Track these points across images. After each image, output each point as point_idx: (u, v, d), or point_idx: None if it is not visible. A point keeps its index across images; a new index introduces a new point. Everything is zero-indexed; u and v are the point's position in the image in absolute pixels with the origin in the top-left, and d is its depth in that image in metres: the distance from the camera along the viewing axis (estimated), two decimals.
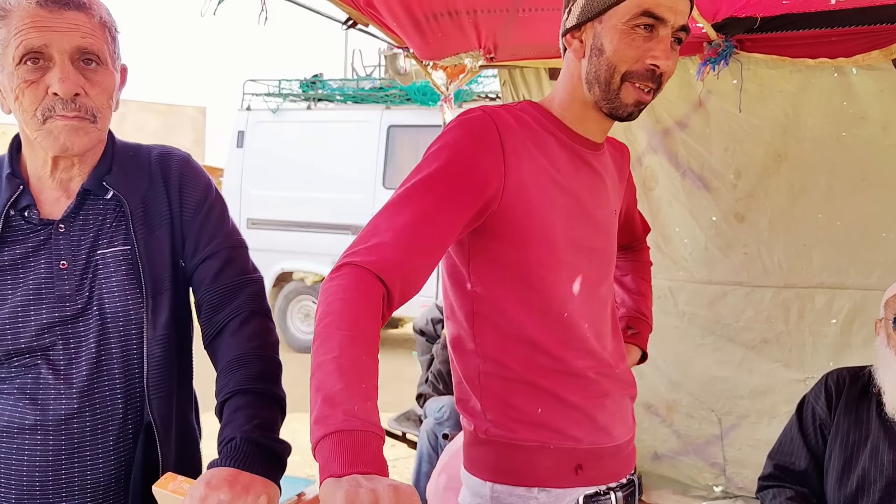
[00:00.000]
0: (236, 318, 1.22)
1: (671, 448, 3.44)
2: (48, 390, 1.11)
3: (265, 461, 1.05)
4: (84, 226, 1.17)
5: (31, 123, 1.10)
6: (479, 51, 2.98)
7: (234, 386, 1.14)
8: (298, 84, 7.18)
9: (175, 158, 1.29)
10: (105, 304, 1.15)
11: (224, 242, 1.28)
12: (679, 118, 3.07)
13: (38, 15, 1.06)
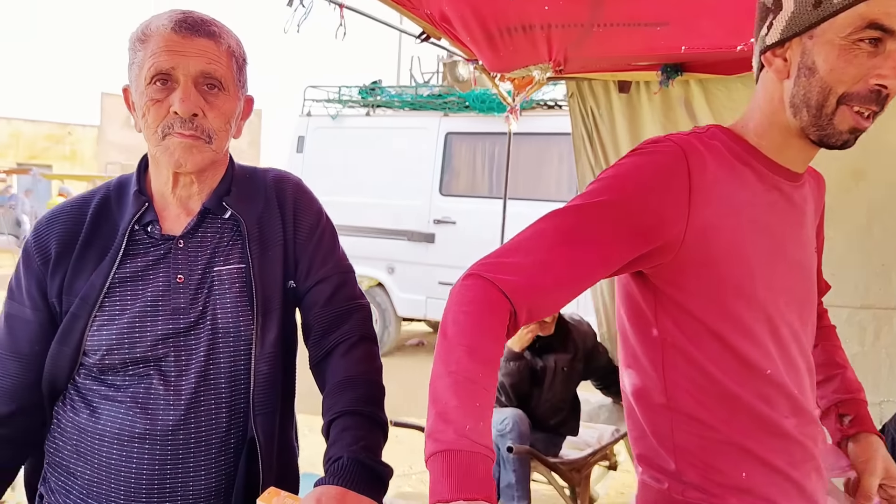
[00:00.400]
0: (345, 341, 1.25)
1: None
2: (158, 400, 1.14)
3: (370, 482, 1.08)
4: (202, 242, 1.21)
5: (152, 139, 1.15)
6: (549, 63, 2.98)
7: (342, 407, 1.18)
8: (358, 90, 7.27)
9: (290, 183, 1.32)
10: (218, 319, 1.18)
11: (335, 268, 1.30)
12: None
13: (171, 39, 1.12)
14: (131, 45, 1.16)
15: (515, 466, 2.93)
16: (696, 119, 3.10)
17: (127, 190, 1.23)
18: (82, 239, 1.18)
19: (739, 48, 2.61)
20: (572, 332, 3.28)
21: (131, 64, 1.16)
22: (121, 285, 1.16)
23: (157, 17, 1.15)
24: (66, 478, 1.19)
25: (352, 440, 1.11)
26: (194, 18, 1.14)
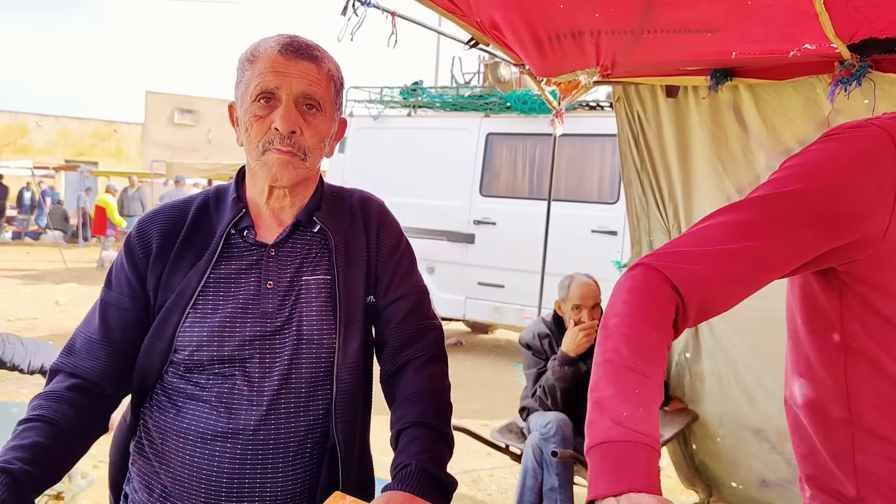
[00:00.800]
0: (418, 358, 1.31)
1: (781, 476, 3.34)
2: (241, 400, 1.19)
3: (436, 490, 1.12)
4: (292, 252, 1.27)
5: (253, 153, 1.22)
6: (596, 68, 2.98)
7: (412, 418, 1.22)
8: (399, 91, 7.32)
9: (374, 204, 1.40)
10: (303, 326, 1.23)
11: (413, 288, 1.37)
12: (802, 138, 2.97)
13: (277, 61, 1.19)
14: (240, 65, 1.24)
15: (559, 470, 2.94)
16: (746, 125, 3.07)
17: (225, 197, 1.31)
18: (182, 238, 1.25)
19: (792, 53, 2.58)
20: None
21: (238, 82, 1.24)
22: (214, 285, 1.23)
23: (266, 41, 1.22)
24: (150, 477, 1.25)
25: (420, 450, 1.15)
26: (299, 43, 1.22)
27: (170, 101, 27.36)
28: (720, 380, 3.40)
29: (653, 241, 3.48)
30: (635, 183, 3.44)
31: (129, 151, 27.95)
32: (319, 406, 1.25)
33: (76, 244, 17.39)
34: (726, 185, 3.16)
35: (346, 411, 1.26)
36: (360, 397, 1.31)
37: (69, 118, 27.61)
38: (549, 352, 3.21)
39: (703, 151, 3.19)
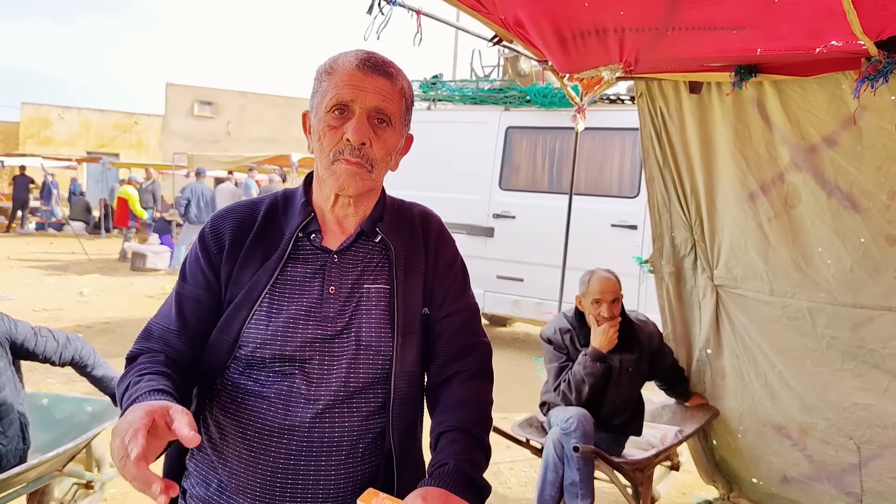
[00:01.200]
0: (465, 372, 1.35)
1: (802, 472, 3.34)
2: (299, 398, 1.23)
3: (471, 492, 1.15)
4: (354, 260, 1.31)
5: (323, 161, 1.26)
6: (619, 64, 2.97)
7: (454, 422, 1.26)
8: (419, 84, 7.33)
9: (434, 220, 1.44)
10: (362, 332, 1.27)
11: (466, 305, 1.41)
12: (827, 134, 2.96)
13: (354, 75, 1.23)
14: (318, 76, 1.28)
15: (579, 465, 2.96)
16: (770, 121, 3.06)
17: (293, 201, 1.36)
18: (252, 236, 1.30)
19: (818, 50, 2.56)
20: (637, 332, 3.28)
21: (315, 92, 1.28)
22: (281, 285, 1.27)
23: (345, 55, 1.27)
24: (207, 471, 1.30)
25: (458, 451, 1.19)
26: (376, 59, 1.26)
27: (189, 94, 27.53)
28: (742, 376, 3.40)
29: (674, 236, 3.48)
30: (657, 179, 3.44)
31: (150, 143, 28.21)
32: (374, 411, 1.29)
33: (98, 235, 17.59)
34: (749, 182, 3.15)
35: (402, 418, 1.31)
36: (417, 406, 1.35)
37: (91, 110, 27.91)
38: (571, 347, 3.22)
39: (727, 147, 3.18)
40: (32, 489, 2.77)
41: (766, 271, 3.17)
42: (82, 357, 2.90)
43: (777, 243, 3.11)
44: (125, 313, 8.19)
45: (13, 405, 2.69)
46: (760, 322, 3.26)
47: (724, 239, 3.30)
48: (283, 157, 13.41)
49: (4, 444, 2.65)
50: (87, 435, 2.88)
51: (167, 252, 12.09)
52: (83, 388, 4.99)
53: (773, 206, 3.11)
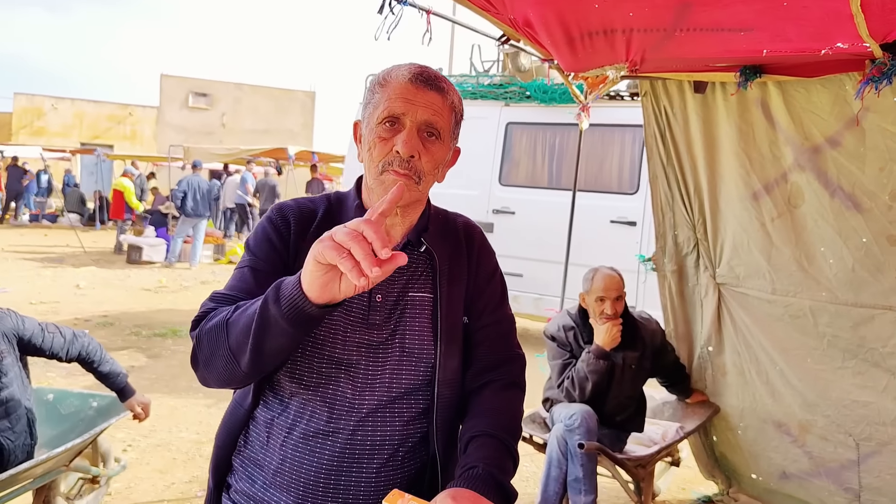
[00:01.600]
0: (500, 381, 1.38)
1: (801, 469, 3.38)
2: (344, 402, 1.26)
3: (498, 496, 1.18)
4: (400, 269, 1.31)
5: (372, 171, 1.28)
6: (625, 63, 2.99)
7: (484, 428, 1.29)
8: None
9: (477, 231, 1.47)
10: (406, 340, 1.30)
11: (504, 315, 1.45)
12: (830, 135, 2.98)
13: (407, 89, 1.26)
14: (371, 87, 1.31)
15: (583, 461, 2.99)
16: (774, 121, 3.08)
17: (345, 203, 1.39)
18: (313, 230, 1.33)
19: (824, 52, 2.58)
20: (640, 330, 3.31)
21: (367, 103, 1.31)
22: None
23: (398, 68, 1.30)
24: (253, 468, 1.33)
25: (487, 456, 1.21)
26: (428, 74, 1.28)
27: (184, 85, 27.42)
28: (743, 373, 3.43)
29: (677, 235, 3.50)
30: (661, 177, 3.46)
31: (144, 134, 28.07)
32: (415, 416, 1.31)
33: (93, 227, 17.54)
34: (753, 181, 3.18)
35: (446, 423, 1.34)
36: (458, 411, 1.37)
37: (85, 101, 27.75)
38: (574, 344, 3.25)
39: (730, 147, 3.21)
40: (39, 484, 2.78)
41: (769, 270, 3.20)
42: (89, 353, 2.91)
43: (780, 242, 3.14)
44: (123, 306, 8.18)
45: (21, 401, 2.70)
46: (762, 320, 3.29)
47: (727, 238, 3.32)
48: (280, 149, 13.38)
49: (13, 440, 2.66)
50: (94, 430, 2.89)
51: (163, 245, 12.06)
52: (84, 381, 5.01)
53: (776, 206, 3.13)
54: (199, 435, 4.38)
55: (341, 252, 0.95)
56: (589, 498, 3.01)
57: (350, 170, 7.61)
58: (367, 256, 0.93)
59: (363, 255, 0.93)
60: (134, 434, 4.20)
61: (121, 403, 3.07)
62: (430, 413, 1.32)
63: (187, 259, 11.83)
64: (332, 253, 0.95)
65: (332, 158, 16.55)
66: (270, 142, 24.79)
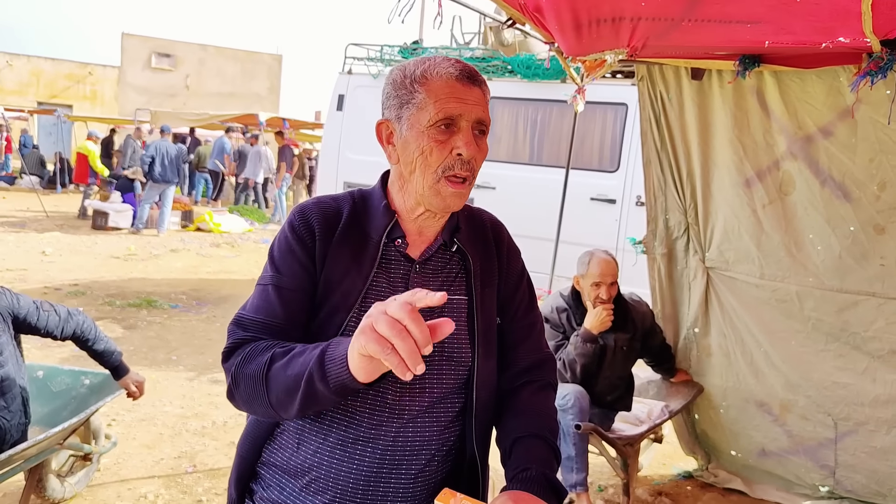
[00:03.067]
0: (538, 382, 1.40)
1: (780, 446, 3.51)
2: (384, 409, 1.24)
3: (552, 496, 1.21)
4: (434, 271, 1.32)
5: (429, 177, 1.23)
6: (625, 49, 3.00)
7: (531, 429, 1.31)
8: (398, 50, 7.22)
9: (503, 229, 1.46)
10: (444, 344, 1.27)
11: (536, 317, 1.45)
12: (823, 125, 3.05)
13: (456, 88, 1.22)
14: (406, 84, 1.24)
15: (576, 440, 3.06)
16: (768, 109, 3.14)
17: (370, 202, 1.34)
18: (338, 235, 1.28)
19: (824, 45, 2.63)
20: (631, 312, 3.37)
21: (405, 102, 1.24)
22: (374, 292, 1.26)
23: (437, 64, 1.24)
24: (281, 476, 1.30)
25: (538, 457, 1.24)
26: (470, 69, 1.25)
27: (147, 45, 26.61)
28: (727, 354, 3.53)
29: (668, 219, 3.56)
30: (654, 162, 3.50)
31: (105, 95, 27.29)
32: (452, 419, 1.31)
33: (54, 190, 17.08)
34: (746, 168, 3.24)
35: (483, 425, 1.34)
36: (494, 412, 1.38)
37: (42, 58, 26.79)
38: (567, 326, 3.30)
39: (725, 134, 3.26)
40: (33, 464, 2.76)
41: (758, 255, 3.28)
42: (84, 331, 2.87)
43: (770, 229, 3.22)
44: (93, 274, 8.03)
45: (15, 380, 2.66)
46: (749, 304, 3.38)
47: (718, 223, 3.39)
48: (251, 115, 13.16)
49: (8, 419, 2.62)
50: (89, 409, 2.87)
51: (130, 211, 11.81)
52: (60, 353, 4.94)
53: (768, 193, 3.20)
54: (184, 409, 4.36)
55: (385, 347, 0.93)
56: (580, 476, 3.09)
57: (329, 142, 7.51)
58: (412, 354, 0.92)
59: (408, 353, 0.92)
60: (117, 408, 4.16)
61: (113, 381, 3.04)
62: (467, 415, 1.32)
63: (154, 226, 11.62)
64: (377, 347, 0.94)
65: (303, 125, 16.34)
66: (236, 105, 24.30)
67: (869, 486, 3.32)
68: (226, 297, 7.47)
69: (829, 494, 3.45)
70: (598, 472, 3.77)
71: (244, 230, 12.70)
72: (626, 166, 6.10)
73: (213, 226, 12.22)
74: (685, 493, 3.68)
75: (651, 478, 3.87)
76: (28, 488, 2.85)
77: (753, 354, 3.43)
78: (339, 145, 7.35)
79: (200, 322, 6.46)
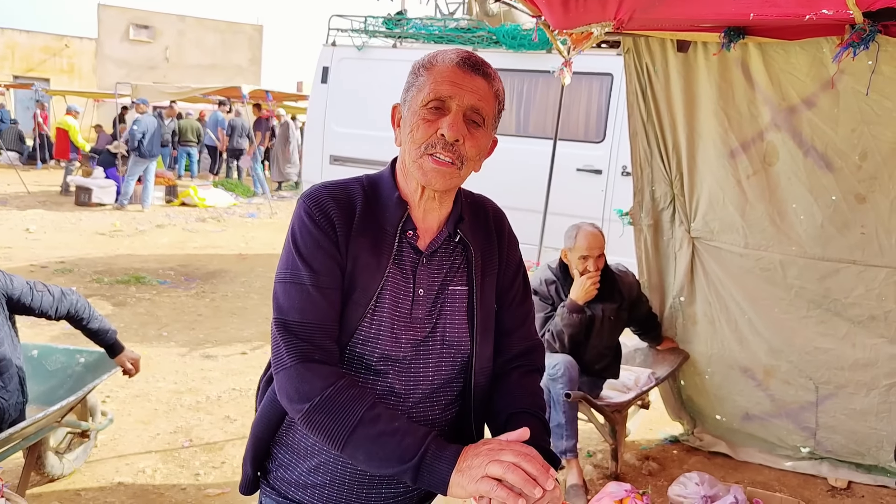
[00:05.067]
0: (526, 367, 1.45)
1: (764, 410, 3.61)
2: (389, 396, 1.29)
3: (551, 464, 1.25)
4: (440, 262, 1.34)
5: (412, 153, 1.26)
6: (612, 21, 3.02)
7: (524, 407, 1.37)
8: (382, 21, 7.16)
9: (504, 219, 1.48)
10: (446, 333, 1.33)
11: (530, 306, 1.50)
12: (806, 96, 3.10)
13: (454, 73, 1.25)
14: (415, 70, 1.29)
15: (566, 409, 3.13)
16: (753, 81, 3.17)
17: (380, 191, 1.35)
18: (355, 228, 1.28)
19: (808, 17, 2.66)
20: (618, 283, 3.43)
21: (410, 86, 1.29)
22: (389, 285, 1.29)
23: (446, 52, 1.28)
24: (292, 455, 1.36)
25: (533, 431, 1.26)
26: (476, 59, 1.27)
27: (124, 16, 26.12)
28: (712, 322, 3.61)
29: (654, 190, 3.61)
30: (640, 134, 3.54)
31: (83, 68, 26.79)
32: (451, 401, 1.37)
33: (34, 166, 16.86)
34: (731, 139, 3.28)
35: (481, 408, 1.40)
36: (489, 394, 1.42)
37: (16, 31, 26.23)
38: (556, 297, 3.36)
39: (710, 106, 3.29)
40: (32, 442, 2.79)
41: (743, 225, 3.34)
42: (78, 311, 2.89)
43: (754, 199, 3.28)
44: (79, 252, 8.00)
45: (12, 360, 2.68)
46: (734, 272, 3.45)
47: (703, 194, 3.44)
48: (233, 88, 12.99)
49: (6, 399, 2.65)
50: (86, 387, 2.90)
51: (113, 186, 11.72)
52: (50, 332, 4.94)
53: (752, 164, 3.25)
54: (178, 385, 4.40)
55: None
56: (570, 443, 3.17)
57: (314, 115, 7.46)
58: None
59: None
60: (111, 385, 4.19)
61: (108, 359, 3.07)
62: (466, 397, 1.37)
63: (139, 201, 11.54)
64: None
65: (286, 97, 16.19)
66: (218, 77, 23.99)
67: (848, 445, 3.43)
68: (214, 273, 7.48)
69: (810, 455, 3.56)
70: (586, 439, 3.86)
71: (229, 204, 12.64)
72: (611, 136, 6.12)
73: (198, 200, 12.16)
74: (671, 457, 3.79)
75: (638, 443, 3.97)
76: (27, 466, 2.89)
77: (738, 322, 3.51)
78: (325, 118, 7.30)
79: (190, 298, 6.47)
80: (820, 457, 3.56)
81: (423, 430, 1.19)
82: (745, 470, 3.63)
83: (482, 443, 1.17)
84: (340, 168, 7.13)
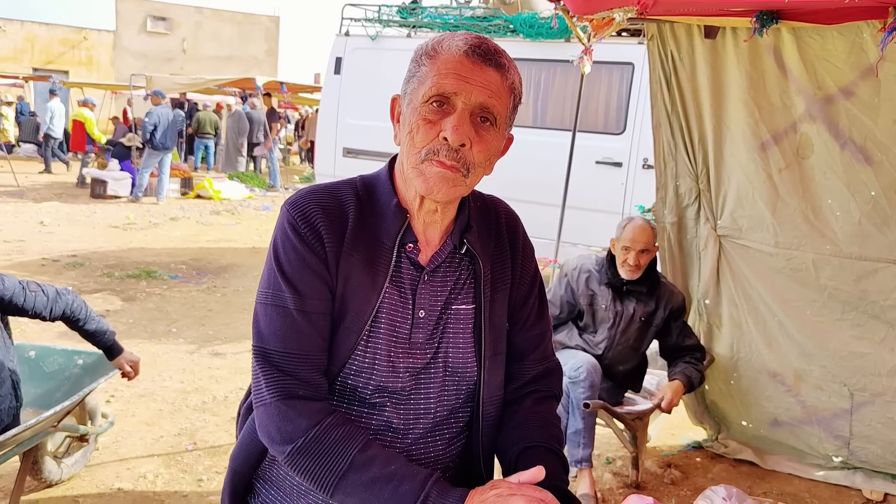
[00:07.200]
0: (542, 392, 1.28)
1: (794, 416, 3.43)
2: (388, 432, 1.15)
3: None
4: (443, 279, 1.17)
5: (412, 158, 1.09)
6: (635, 6, 2.84)
7: (538, 440, 1.20)
8: (397, 10, 7.00)
9: (519, 224, 1.30)
10: (449, 358, 1.17)
11: (546, 325, 1.31)
12: (844, 85, 2.90)
13: (461, 64, 1.06)
14: (417, 58, 1.11)
15: (584, 416, 2.98)
16: (786, 69, 2.98)
17: (376, 196, 1.17)
18: (347, 242, 1.12)
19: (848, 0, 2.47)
20: (660, 288, 3.23)
21: (411, 76, 1.12)
22: (385, 307, 1.13)
23: (452, 38, 1.10)
24: (277, 493, 1.21)
25: (551, 473, 1.11)
26: (488, 47, 1.08)
27: (142, 8, 26.19)
28: (739, 325, 3.43)
29: (679, 185, 3.43)
30: (665, 125, 3.36)
31: (101, 60, 26.88)
32: (456, 434, 1.22)
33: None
34: (761, 131, 3.10)
35: (489, 443, 1.24)
36: (499, 426, 1.26)
37: (36, 24, 26.36)
38: (585, 288, 3.19)
39: (739, 95, 3.11)
40: (27, 448, 2.68)
41: (773, 222, 3.16)
42: (73, 311, 2.77)
43: (786, 194, 3.09)
44: (92, 245, 7.93)
45: (4, 362, 2.57)
46: (763, 273, 3.27)
47: (731, 189, 3.26)
48: (248, 79, 12.87)
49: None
50: (82, 391, 2.78)
51: (128, 179, 11.67)
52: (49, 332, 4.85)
53: (784, 157, 3.07)
54: (184, 384, 4.30)
55: None
56: (587, 452, 3.01)
57: (327, 107, 7.33)
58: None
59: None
60: (116, 384, 4.08)
61: (107, 361, 2.95)
62: (473, 430, 1.22)
63: (153, 193, 11.49)
64: None
65: (301, 88, 16.07)
66: (234, 69, 23.97)
67: (884, 456, 3.24)
68: (226, 267, 7.38)
69: (843, 465, 3.38)
70: (605, 444, 3.71)
71: (244, 197, 12.57)
72: (632, 128, 5.92)
73: (213, 193, 12.09)
74: (695, 464, 3.61)
75: (660, 449, 3.80)
76: (23, 471, 2.78)
77: (767, 324, 3.32)
78: (338, 110, 7.17)
79: (200, 293, 6.37)
80: (853, 466, 3.37)
81: (424, 473, 1.03)
82: (774, 479, 3.45)
83: (490, 485, 1.01)
84: (354, 161, 7.00)
